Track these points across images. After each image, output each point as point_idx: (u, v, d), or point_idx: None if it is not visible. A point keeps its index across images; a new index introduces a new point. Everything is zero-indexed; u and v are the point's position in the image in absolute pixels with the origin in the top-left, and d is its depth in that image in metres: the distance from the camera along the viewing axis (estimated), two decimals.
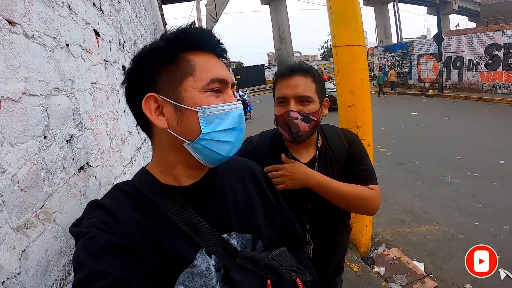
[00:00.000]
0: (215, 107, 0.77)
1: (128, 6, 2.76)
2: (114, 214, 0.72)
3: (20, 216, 0.68)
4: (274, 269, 0.81)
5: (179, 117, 0.77)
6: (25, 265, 0.67)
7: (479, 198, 4.96)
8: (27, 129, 0.75)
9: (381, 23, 39.52)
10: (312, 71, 1.45)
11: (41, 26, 0.88)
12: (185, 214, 0.78)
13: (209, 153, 0.78)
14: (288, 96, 1.40)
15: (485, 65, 15.62)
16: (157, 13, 9.69)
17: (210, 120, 0.76)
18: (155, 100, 0.77)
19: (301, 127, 1.39)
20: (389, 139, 8.83)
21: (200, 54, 0.79)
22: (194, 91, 0.76)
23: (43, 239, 0.75)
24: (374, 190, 1.45)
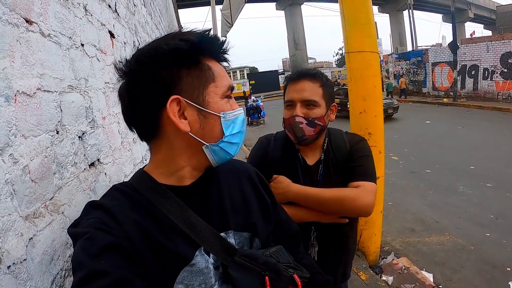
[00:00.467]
0: (231, 113, 0.83)
1: (144, 9, 2.82)
2: (113, 214, 0.72)
3: (30, 206, 0.71)
4: (272, 266, 0.82)
5: (202, 121, 0.79)
6: (31, 252, 0.69)
7: (492, 209, 4.87)
8: (40, 123, 0.78)
9: (396, 31, 39.29)
10: (320, 76, 1.48)
11: (57, 26, 0.92)
12: (183, 213, 0.78)
13: (223, 154, 0.84)
14: (295, 99, 1.44)
15: (500, 74, 15.36)
16: (172, 17, 9.82)
17: (229, 124, 0.82)
18: (177, 103, 0.76)
19: (306, 131, 1.42)
20: (402, 147, 8.75)
21: (213, 61, 0.83)
22: (217, 97, 0.81)
23: (50, 229, 0.78)
24: (361, 186, 1.40)
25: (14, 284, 0.63)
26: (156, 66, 0.75)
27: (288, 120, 1.45)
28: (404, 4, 32.73)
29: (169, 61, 0.75)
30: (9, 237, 0.63)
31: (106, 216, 0.72)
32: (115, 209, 0.73)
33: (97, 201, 0.77)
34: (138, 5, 2.45)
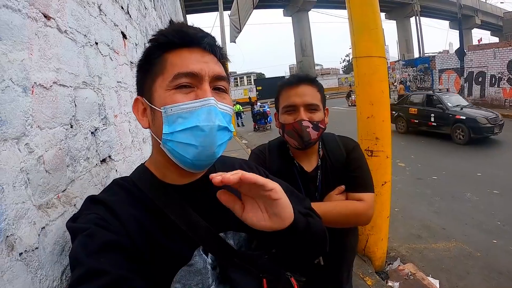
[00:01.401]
0: (176, 106, 0.72)
1: (154, 13, 2.86)
2: (113, 210, 0.72)
3: (43, 195, 0.73)
4: (269, 268, 0.82)
5: (153, 117, 0.77)
6: (43, 241, 0.71)
7: (498, 216, 4.82)
8: (55, 116, 0.80)
9: (403, 37, 39.29)
10: (316, 81, 1.51)
11: (73, 23, 0.94)
12: (183, 212, 0.77)
13: (178, 156, 0.75)
14: (297, 104, 1.43)
15: (507, 80, 15.24)
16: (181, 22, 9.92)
17: (173, 120, 0.73)
18: (142, 103, 0.80)
19: (312, 135, 1.42)
20: (409, 153, 8.70)
21: (180, 51, 0.77)
22: (161, 90, 0.75)
23: (62, 220, 0.79)
24: (364, 200, 1.44)
25: (25, 271, 0.64)
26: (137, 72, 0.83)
27: (291, 125, 1.44)
28: (411, 11, 32.73)
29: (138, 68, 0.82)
30: (22, 225, 0.64)
31: (106, 212, 0.71)
32: (116, 205, 0.73)
33: (97, 195, 0.77)
34: (148, 8, 2.48)
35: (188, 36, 0.77)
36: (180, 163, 0.76)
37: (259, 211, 0.72)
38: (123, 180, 0.82)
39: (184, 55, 0.76)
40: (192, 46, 0.77)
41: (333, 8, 40.96)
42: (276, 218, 0.71)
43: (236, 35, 14.14)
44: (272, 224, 0.72)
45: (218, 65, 0.80)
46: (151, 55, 0.78)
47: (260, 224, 0.71)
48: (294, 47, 37.66)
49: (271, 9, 39.65)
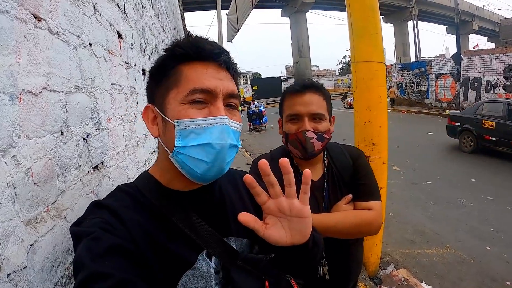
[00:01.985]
0: (190, 122, 0.74)
1: (151, 11, 2.81)
2: (118, 215, 0.72)
3: (31, 210, 0.68)
4: (271, 271, 0.82)
5: (164, 128, 0.79)
6: (32, 259, 0.66)
7: (492, 222, 4.85)
8: (45, 124, 0.75)
9: (400, 41, 39.47)
10: (323, 89, 1.45)
11: (66, 24, 0.89)
12: (188, 217, 0.79)
13: (187, 169, 0.76)
14: (302, 113, 1.38)
15: (503, 87, 15.36)
16: (178, 20, 9.84)
17: (185, 135, 0.74)
18: (152, 111, 0.81)
19: (316, 146, 1.38)
20: (404, 158, 8.71)
21: (195, 64, 0.78)
22: (175, 103, 0.76)
23: (52, 235, 0.75)
24: (373, 209, 1.40)
25: None
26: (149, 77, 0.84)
27: (295, 135, 1.39)
28: (409, 15, 32.88)
29: (152, 74, 0.83)
30: (9, 244, 0.60)
31: (111, 216, 0.71)
32: (121, 210, 0.73)
33: (102, 200, 0.77)
34: (146, 7, 2.43)
35: (205, 51, 0.78)
36: (188, 175, 0.78)
37: (281, 229, 0.75)
38: (127, 186, 0.84)
39: (199, 69, 0.77)
40: (207, 61, 0.78)
41: (331, 10, 41.03)
42: (298, 235, 0.75)
43: (234, 34, 14.10)
44: (293, 241, 0.75)
45: (232, 82, 0.81)
46: (165, 66, 0.80)
47: (282, 240, 0.75)
48: (291, 48, 37.63)
49: (269, 9, 39.59)
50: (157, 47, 3.05)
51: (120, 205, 0.75)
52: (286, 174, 0.71)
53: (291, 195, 0.74)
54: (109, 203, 0.75)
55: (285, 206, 0.73)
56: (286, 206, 0.73)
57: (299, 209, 0.74)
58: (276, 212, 0.74)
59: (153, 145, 2.30)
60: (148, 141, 2.11)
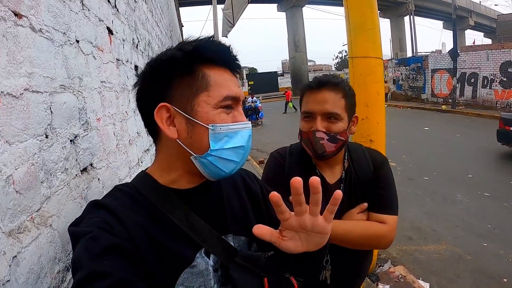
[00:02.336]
0: (225, 126, 0.78)
1: (145, 6, 2.75)
2: (116, 215, 0.72)
3: (14, 220, 0.64)
4: (270, 268, 0.82)
5: (190, 130, 0.78)
6: (15, 272, 0.62)
7: (489, 219, 4.85)
8: (27, 127, 0.71)
9: (397, 36, 39.42)
10: (343, 85, 1.35)
11: (50, 20, 0.85)
12: (185, 215, 0.79)
13: (214, 169, 0.79)
14: (315, 112, 1.31)
15: (499, 82, 15.38)
16: (173, 15, 9.75)
17: (219, 138, 0.77)
18: (167, 110, 0.79)
19: (327, 148, 1.30)
20: (400, 153, 8.71)
21: (216, 68, 0.80)
22: (208, 107, 0.77)
23: (37, 245, 0.71)
24: (388, 223, 1.33)
25: None
26: (155, 74, 0.81)
27: (306, 134, 1.33)
28: (405, 10, 32.74)
29: (165, 70, 0.79)
30: None
31: (109, 216, 0.72)
32: (118, 209, 0.73)
33: (100, 200, 0.77)
34: (138, 1, 2.38)
35: (229, 58, 0.83)
36: (210, 174, 0.81)
37: (299, 241, 0.76)
38: (125, 185, 0.84)
39: (223, 75, 0.81)
40: (229, 68, 0.83)
41: (327, 5, 40.88)
42: (314, 246, 0.77)
43: (229, 29, 13.99)
44: (308, 249, 0.77)
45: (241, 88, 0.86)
46: (190, 65, 0.79)
47: (297, 250, 0.76)
48: (287, 43, 37.49)
49: (265, 3, 39.39)
50: (150, 43, 2.99)
51: (118, 205, 0.75)
52: (315, 194, 0.70)
53: (316, 214, 0.72)
54: (107, 203, 0.75)
55: (307, 224, 0.73)
56: (308, 223, 0.73)
57: (322, 227, 0.74)
58: (297, 228, 0.74)
59: (147, 143, 2.25)
60: (141, 139, 2.07)
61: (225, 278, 0.82)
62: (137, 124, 1.95)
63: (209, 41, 0.81)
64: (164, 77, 0.80)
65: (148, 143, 2.30)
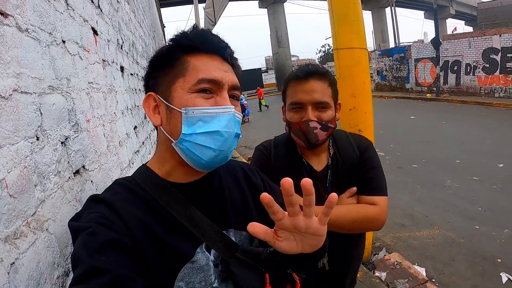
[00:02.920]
0: (198, 109, 0.76)
1: (127, 6, 2.71)
2: (116, 209, 0.72)
3: (9, 225, 0.62)
4: (272, 263, 0.82)
5: (168, 116, 0.79)
6: (14, 279, 0.60)
7: (479, 202, 4.93)
8: (18, 129, 0.69)
9: (379, 27, 39.68)
10: (329, 74, 1.38)
11: (36, 20, 0.82)
12: (186, 210, 0.79)
13: (193, 156, 0.78)
14: (305, 102, 1.32)
15: (482, 69, 15.67)
16: (155, 16, 9.64)
17: (193, 122, 0.76)
18: (154, 99, 0.82)
19: (320, 136, 1.32)
20: (388, 143, 8.79)
21: (201, 55, 0.81)
22: (182, 92, 0.78)
23: (34, 250, 0.69)
24: (378, 204, 1.35)
25: None
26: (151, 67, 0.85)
27: (297, 125, 1.33)
28: (386, 1, 33.01)
29: (154, 63, 0.84)
30: None
31: (109, 211, 0.71)
32: (118, 204, 0.73)
33: (99, 195, 0.77)
34: (121, 2, 2.34)
35: (212, 44, 0.82)
36: (192, 162, 0.79)
37: (294, 241, 0.73)
38: (125, 179, 0.84)
39: (206, 60, 0.80)
40: (213, 53, 0.82)
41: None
42: (309, 248, 0.75)
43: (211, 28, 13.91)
44: (303, 250, 0.75)
45: (234, 75, 0.85)
46: (171, 55, 0.81)
47: (292, 250, 0.74)
48: (270, 39, 37.46)
49: (247, 1, 39.24)
50: (134, 44, 2.96)
51: (117, 199, 0.75)
52: (308, 195, 0.66)
53: (310, 215, 0.70)
54: (106, 197, 0.75)
55: (301, 225, 0.70)
56: (302, 225, 0.70)
57: (316, 229, 0.71)
58: (291, 229, 0.71)
59: (136, 144, 2.23)
60: (131, 140, 2.04)
61: (226, 274, 0.81)
62: (126, 125, 1.93)
63: (191, 30, 0.83)
64: (154, 69, 0.83)
65: (137, 145, 2.28)
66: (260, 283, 0.79)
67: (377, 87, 23.19)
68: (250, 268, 0.80)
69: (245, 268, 0.80)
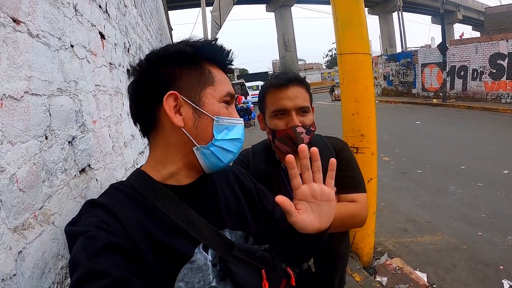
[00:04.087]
0: (227, 119, 0.84)
1: (134, 10, 2.78)
2: (114, 213, 0.72)
3: (18, 217, 0.67)
4: (267, 260, 0.84)
5: (196, 119, 0.81)
6: (21, 266, 0.65)
7: (483, 208, 4.91)
8: (28, 129, 0.74)
9: (386, 32, 39.70)
10: (305, 80, 1.45)
11: (46, 26, 0.88)
12: (183, 212, 0.80)
13: (214, 160, 0.83)
14: (289, 107, 1.36)
15: (489, 74, 15.57)
16: (163, 18, 9.75)
17: (221, 129, 0.83)
18: (174, 99, 0.81)
19: (305, 140, 1.37)
20: (393, 148, 8.79)
21: (216, 68, 0.87)
22: (213, 100, 0.83)
23: (40, 241, 0.73)
24: (358, 201, 1.40)
25: None
26: (160, 65, 0.82)
27: (284, 132, 1.37)
28: (393, 6, 32.99)
29: (172, 61, 0.82)
30: None
31: (107, 215, 0.72)
32: (116, 208, 0.74)
33: (96, 199, 0.78)
34: (129, 6, 2.40)
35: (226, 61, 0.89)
36: (209, 165, 0.85)
37: (312, 214, 0.81)
38: (121, 184, 0.84)
39: (222, 75, 0.88)
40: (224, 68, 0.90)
41: (316, 3, 41.13)
42: (326, 219, 0.83)
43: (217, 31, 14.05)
44: (321, 226, 0.82)
45: None
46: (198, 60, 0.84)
47: (312, 225, 0.80)
48: (277, 43, 37.66)
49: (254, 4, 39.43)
50: (141, 47, 3.02)
51: (115, 203, 0.76)
52: (316, 161, 0.81)
53: (320, 180, 0.82)
54: (104, 202, 0.76)
55: (316, 190, 0.81)
56: (317, 189, 0.81)
57: (328, 193, 0.82)
58: (309, 197, 0.81)
59: (141, 146, 2.28)
60: (136, 142, 2.09)
61: (223, 272, 0.82)
62: (131, 127, 1.98)
63: (213, 42, 0.86)
64: (173, 67, 0.82)
65: (142, 146, 2.33)
66: (257, 279, 0.81)
67: (384, 92, 23.14)
68: (247, 265, 0.82)
69: (242, 266, 0.81)
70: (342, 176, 1.43)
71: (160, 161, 0.86)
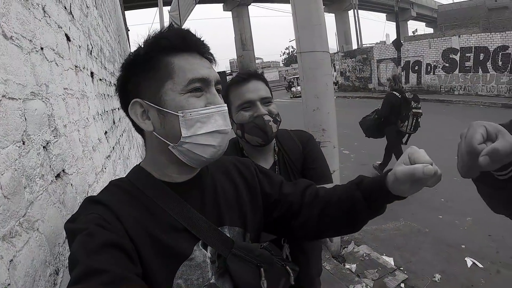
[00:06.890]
0: (196, 111, 0.78)
1: (95, 11, 2.69)
2: (113, 210, 0.73)
3: (5, 225, 0.65)
4: (266, 258, 0.86)
5: (162, 120, 0.80)
6: (14, 275, 0.63)
7: (442, 193, 5.18)
8: (7, 134, 0.72)
9: (342, 30, 40.68)
10: (263, 77, 1.51)
11: (19, 28, 0.85)
12: (182, 209, 0.80)
13: (193, 156, 0.80)
14: (253, 99, 1.41)
15: (442, 68, 16.46)
16: (120, 19, 9.45)
17: (191, 124, 0.78)
18: (140, 105, 0.81)
19: (274, 129, 1.42)
20: (352, 141, 9.06)
21: (181, 55, 0.81)
22: (174, 94, 0.78)
23: (28, 248, 0.72)
24: None
25: None
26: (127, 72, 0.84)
27: (252, 122, 1.41)
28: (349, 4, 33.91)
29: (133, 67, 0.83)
30: None
31: (105, 212, 0.72)
32: (115, 205, 0.74)
33: (96, 196, 0.79)
34: (90, 7, 2.33)
35: (191, 42, 0.83)
36: (192, 162, 0.82)
37: None
38: (120, 180, 0.86)
39: (188, 59, 0.81)
40: (193, 51, 0.83)
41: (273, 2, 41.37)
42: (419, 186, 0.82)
43: None
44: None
45: (214, 70, 0.86)
46: (151, 58, 0.80)
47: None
48: (235, 42, 37.58)
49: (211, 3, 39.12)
50: (102, 49, 2.93)
51: (114, 200, 0.76)
52: None
53: None
54: (103, 198, 0.76)
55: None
56: None
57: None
58: None
59: (107, 149, 2.22)
60: (103, 145, 2.04)
61: (222, 269, 0.82)
62: (98, 131, 1.93)
63: (168, 30, 0.83)
64: (133, 74, 0.83)
65: (108, 150, 2.27)
66: (256, 277, 0.83)
67: (341, 87, 23.79)
68: (246, 263, 0.83)
69: (241, 264, 0.82)
70: (310, 169, 1.51)
71: (152, 161, 0.87)
